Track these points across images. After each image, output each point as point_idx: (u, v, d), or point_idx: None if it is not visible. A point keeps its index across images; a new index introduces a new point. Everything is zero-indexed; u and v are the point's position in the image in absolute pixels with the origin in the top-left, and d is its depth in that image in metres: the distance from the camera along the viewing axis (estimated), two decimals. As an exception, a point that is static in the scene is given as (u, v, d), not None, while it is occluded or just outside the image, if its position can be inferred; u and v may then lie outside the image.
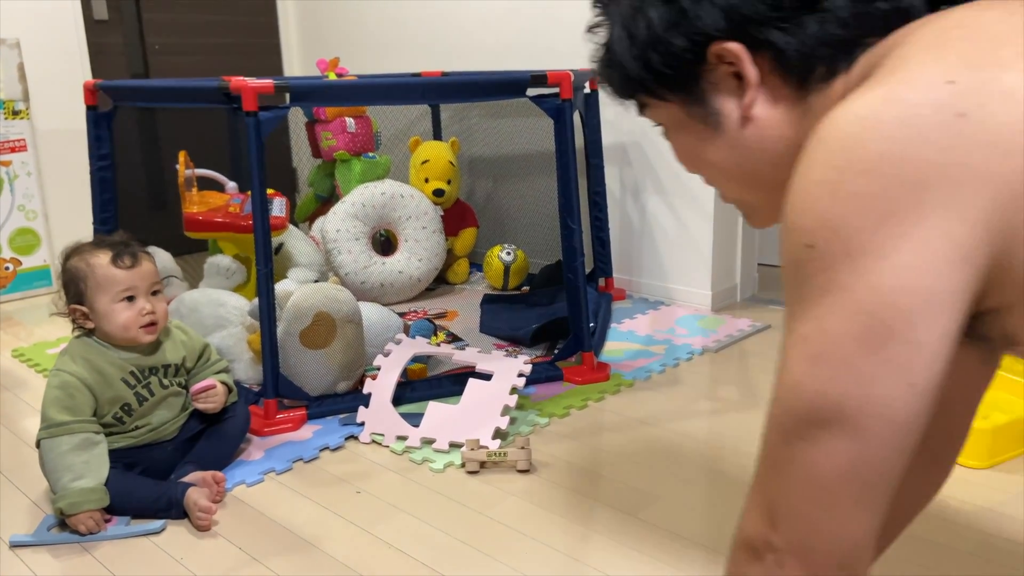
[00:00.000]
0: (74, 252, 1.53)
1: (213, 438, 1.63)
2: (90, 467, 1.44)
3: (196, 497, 1.45)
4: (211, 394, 1.60)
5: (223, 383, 1.63)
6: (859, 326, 0.56)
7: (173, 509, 1.46)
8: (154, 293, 1.54)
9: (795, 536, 0.62)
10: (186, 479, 1.52)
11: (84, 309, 1.50)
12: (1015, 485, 1.52)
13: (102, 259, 1.50)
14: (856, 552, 0.62)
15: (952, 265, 0.55)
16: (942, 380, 0.58)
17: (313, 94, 1.93)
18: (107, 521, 1.46)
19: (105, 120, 2.28)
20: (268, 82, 1.75)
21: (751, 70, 0.67)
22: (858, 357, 0.57)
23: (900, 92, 0.56)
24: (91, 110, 2.28)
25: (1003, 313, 0.59)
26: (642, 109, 0.77)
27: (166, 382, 1.58)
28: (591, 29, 0.76)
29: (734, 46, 0.67)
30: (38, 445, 1.47)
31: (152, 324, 1.53)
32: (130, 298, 1.50)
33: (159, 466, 1.56)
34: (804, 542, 0.62)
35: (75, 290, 1.51)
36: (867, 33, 0.65)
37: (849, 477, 0.59)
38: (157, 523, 1.45)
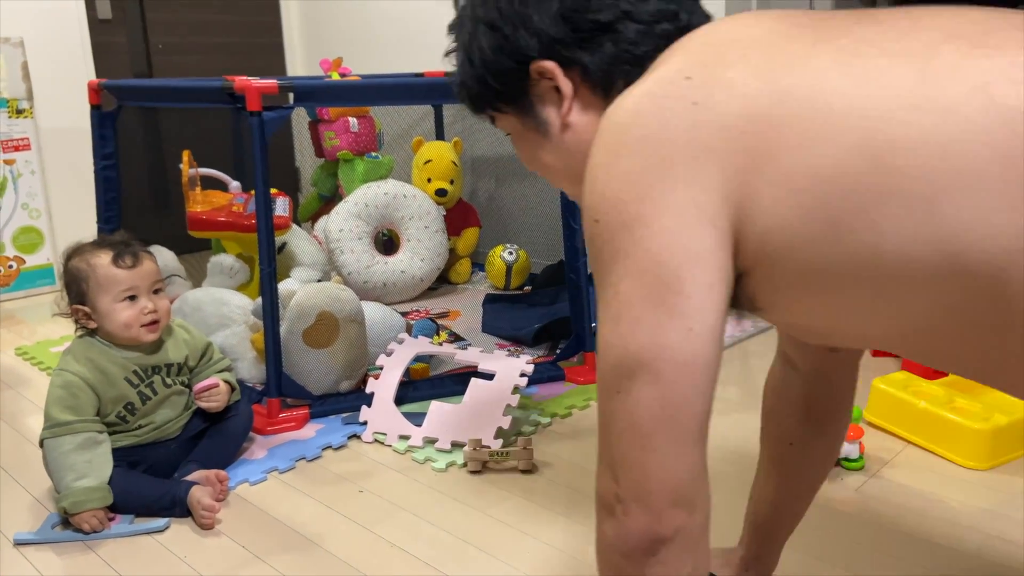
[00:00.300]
0: (75, 253, 1.54)
1: (216, 437, 1.63)
2: (93, 466, 1.45)
3: (200, 495, 1.46)
4: (214, 393, 1.61)
5: (226, 382, 1.64)
6: (642, 285, 0.66)
7: (177, 507, 1.47)
8: (156, 292, 1.54)
9: (632, 484, 0.69)
10: (189, 478, 1.53)
11: (86, 309, 1.51)
12: (1016, 486, 1.52)
13: (103, 259, 1.50)
14: (686, 488, 0.69)
15: (702, 228, 0.65)
16: (718, 325, 0.67)
17: (317, 94, 1.93)
18: (111, 520, 1.47)
19: (109, 119, 2.29)
20: (272, 82, 1.76)
21: (565, 84, 0.80)
22: (646, 311, 0.66)
23: (653, 87, 0.69)
24: (95, 109, 2.28)
25: (746, 277, 0.69)
26: (493, 121, 0.89)
27: (169, 381, 1.58)
28: (447, 55, 0.89)
29: (549, 64, 0.80)
30: (41, 444, 1.48)
31: (154, 323, 1.53)
32: (132, 297, 1.51)
33: (162, 465, 1.57)
34: (640, 487, 0.69)
35: (77, 290, 1.51)
36: (655, 49, 0.77)
37: (660, 419, 0.67)
38: (161, 521, 1.46)
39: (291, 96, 1.82)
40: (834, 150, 0.62)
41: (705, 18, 0.81)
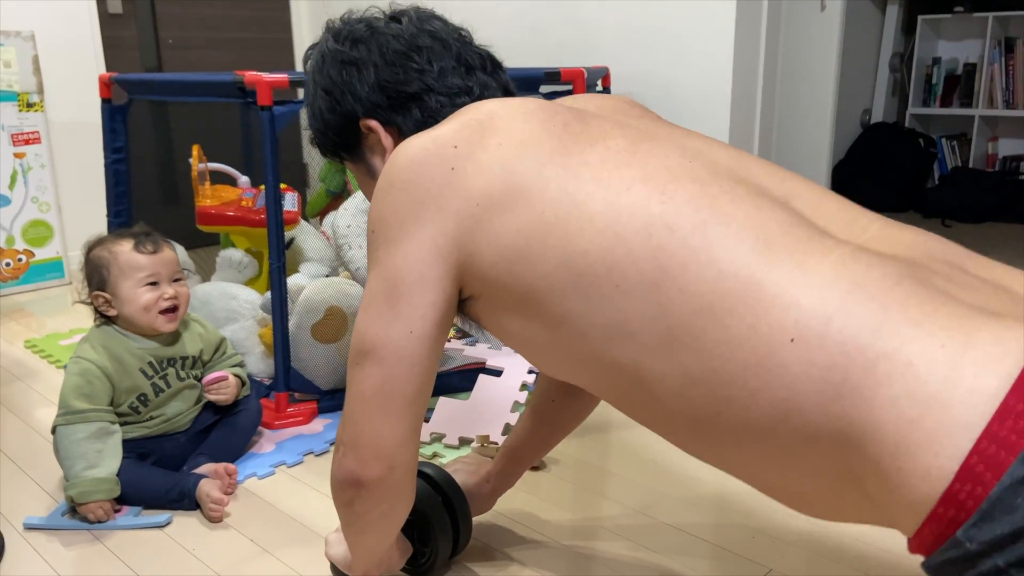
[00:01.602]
0: (97, 243, 1.56)
1: (225, 430, 1.64)
2: (103, 456, 1.45)
3: (208, 489, 1.46)
4: (223, 385, 1.61)
5: (236, 376, 1.64)
6: (384, 289, 0.87)
7: (185, 500, 1.47)
8: (176, 281, 1.56)
9: (349, 434, 0.92)
10: (198, 471, 1.53)
11: (107, 295, 1.52)
12: (1025, 487, 1.52)
13: (124, 246, 1.53)
14: (389, 449, 0.91)
15: (434, 259, 0.86)
16: (435, 333, 0.88)
17: (327, 89, 1.93)
18: (117, 511, 1.47)
19: (120, 113, 2.29)
20: (283, 76, 1.76)
21: (386, 139, 1.00)
22: (383, 309, 0.87)
23: (429, 144, 0.87)
24: (106, 103, 2.29)
25: (472, 300, 0.90)
26: (342, 162, 1.08)
27: (183, 374, 1.59)
28: (305, 107, 1.08)
29: (372, 123, 1.00)
30: (54, 431, 1.48)
31: (173, 310, 1.54)
32: (153, 284, 1.52)
33: (171, 457, 1.57)
34: (354, 439, 0.92)
35: (98, 278, 1.53)
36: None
37: (378, 393, 0.89)
38: (163, 516, 1.46)
39: (301, 91, 1.81)
40: (543, 263, 0.81)
41: (498, 92, 1.01)
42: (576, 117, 0.89)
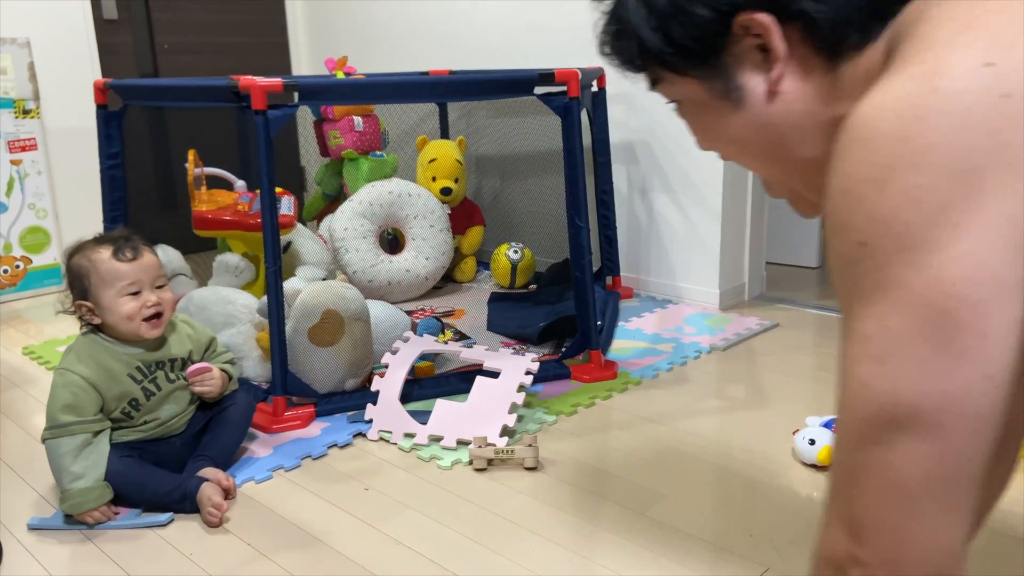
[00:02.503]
0: (76, 250, 1.53)
1: (218, 427, 1.63)
2: (89, 465, 1.45)
3: (210, 492, 1.46)
4: (207, 377, 1.60)
5: (222, 370, 1.64)
6: (923, 321, 0.54)
7: (187, 502, 1.47)
8: (159, 287, 1.54)
9: (883, 549, 0.59)
10: (199, 474, 1.53)
11: (89, 304, 1.51)
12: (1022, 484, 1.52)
13: (104, 254, 1.50)
14: (949, 559, 0.58)
15: (1017, 250, 0.52)
16: (1016, 368, 0.55)
17: (321, 92, 1.93)
18: (116, 513, 1.48)
19: (115, 119, 2.29)
20: (277, 81, 1.76)
21: (780, 43, 0.65)
22: (927, 353, 0.55)
23: (938, 81, 0.54)
24: (101, 109, 2.28)
25: None
26: (654, 84, 0.74)
27: (172, 376, 1.59)
28: None
29: (763, 17, 0.64)
30: (44, 442, 1.48)
31: (157, 317, 1.53)
32: (135, 293, 1.50)
33: (168, 460, 1.57)
34: (893, 555, 0.58)
35: (80, 287, 1.51)
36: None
37: (932, 479, 0.56)
38: (164, 516, 1.46)
39: (296, 95, 1.82)
40: None
41: None
42: None
